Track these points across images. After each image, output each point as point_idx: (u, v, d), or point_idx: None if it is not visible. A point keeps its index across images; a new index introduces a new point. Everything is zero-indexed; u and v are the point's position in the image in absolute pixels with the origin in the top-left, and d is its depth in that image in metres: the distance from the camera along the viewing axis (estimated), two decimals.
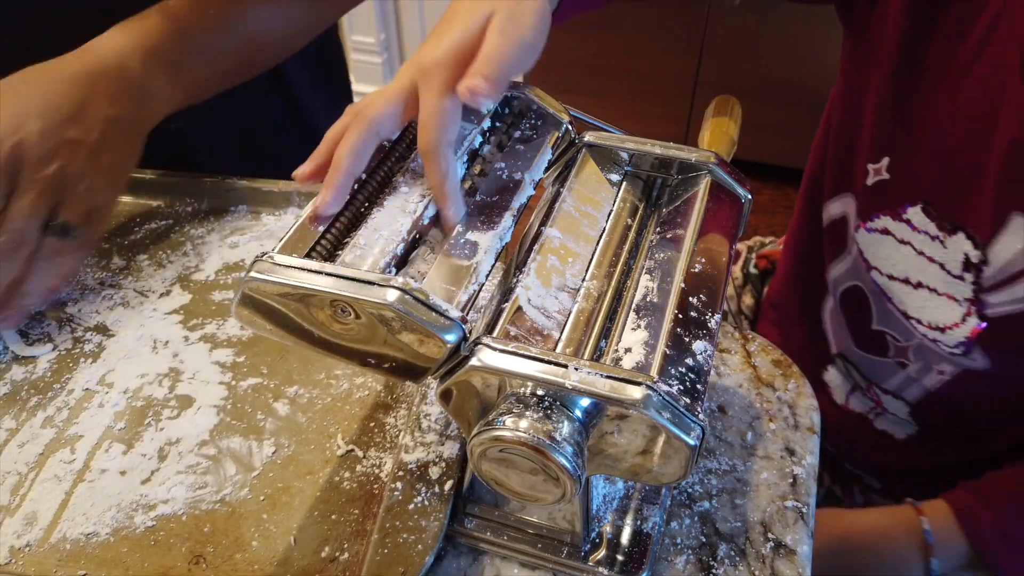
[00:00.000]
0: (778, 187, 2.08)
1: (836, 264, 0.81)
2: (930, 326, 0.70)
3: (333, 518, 0.52)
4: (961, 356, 0.70)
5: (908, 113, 0.66)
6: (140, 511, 0.53)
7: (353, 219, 0.46)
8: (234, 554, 0.50)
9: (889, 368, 0.79)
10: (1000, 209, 0.62)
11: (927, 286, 0.69)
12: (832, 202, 0.78)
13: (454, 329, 0.39)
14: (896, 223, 0.69)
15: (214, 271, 0.70)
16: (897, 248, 0.70)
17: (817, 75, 1.90)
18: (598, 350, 0.43)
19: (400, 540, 0.48)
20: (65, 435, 0.57)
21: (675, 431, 0.38)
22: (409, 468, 0.52)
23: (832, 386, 0.88)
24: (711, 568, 0.51)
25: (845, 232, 0.77)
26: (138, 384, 0.61)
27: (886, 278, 0.72)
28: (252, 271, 0.41)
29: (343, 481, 0.54)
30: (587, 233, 0.49)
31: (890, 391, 0.81)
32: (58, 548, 0.51)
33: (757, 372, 0.63)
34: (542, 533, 0.51)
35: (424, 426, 0.54)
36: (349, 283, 0.39)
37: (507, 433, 0.38)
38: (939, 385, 0.75)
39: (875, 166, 0.69)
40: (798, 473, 0.56)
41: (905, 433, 0.84)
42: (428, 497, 0.51)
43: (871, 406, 0.85)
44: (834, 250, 0.80)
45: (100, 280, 0.69)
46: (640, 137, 0.53)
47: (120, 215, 0.76)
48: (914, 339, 0.73)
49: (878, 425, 0.86)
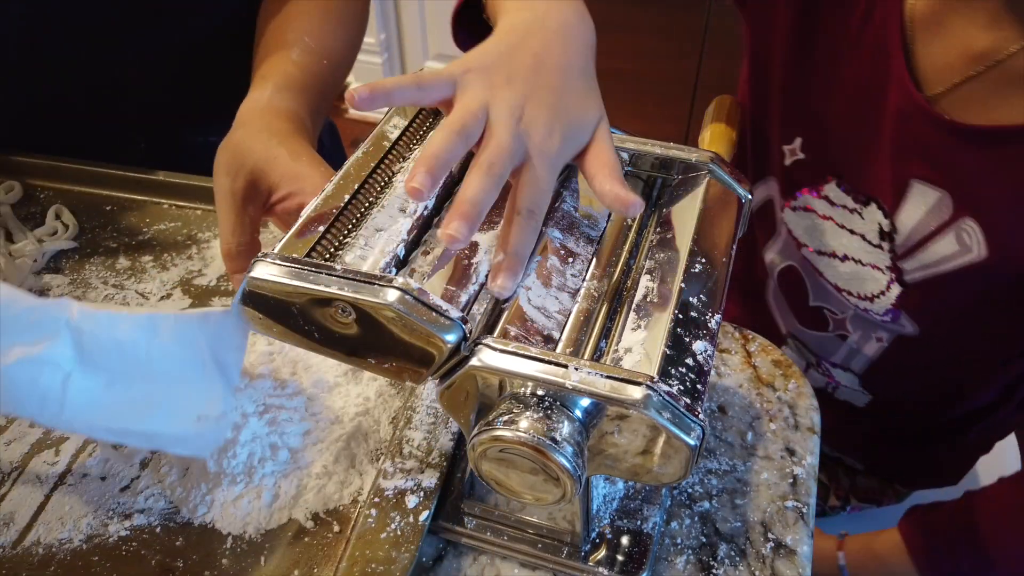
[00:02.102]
0: None
1: (770, 247, 0.83)
2: (860, 296, 0.73)
3: (306, 540, 0.51)
4: (891, 323, 0.72)
5: (810, 91, 0.68)
6: (115, 519, 0.52)
7: (353, 219, 0.46)
8: (203, 571, 0.50)
9: (832, 342, 0.82)
10: (898, 177, 0.64)
11: (852, 258, 0.71)
12: (757, 186, 0.80)
13: (454, 329, 0.39)
14: (816, 199, 0.71)
15: (216, 276, 0.70)
16: (820, 224, 0.72)
17: None
18: (598, 350, 0.43)
19: (368, 570, 0.47)
20: (52, 436, 0.57)
21: (675, 431, 0.38)
22: (386, 495, 0.51)
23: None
24: (711, 568, 0.51)
25: (773, 215, 0.79)
26: None
27: (815, 254, 0.74)
28: (253, 270, 0.41)
29: (320, 500, 0.53)
30: (587, 233, 0.49)
31: (838, 364, 0.84)
32: (31, 552, 0.51)
33: (757, 372, 0.63)
34: (542, 533, 0.51)
35: (405, 451, 0.53)
36: (349, 283, 0.39)
37: (507, 433, 0.38)
38: (879, 352, 0.78)
39: (790, 147, 0.71)
40: (798, 473, 0.56)
41: (863, 402, 0.87)
42: (402, 527, 0.49)
43: (826, 381, 0.88)
44: (766, 234, 0.83)
45: (103, 280, 0.69)
46: (640, 137, 0.53)
47: (130, 215, 0.76)
48: (848, 310, 0.76)
49: (839, 396, 0.88)
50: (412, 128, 0.51)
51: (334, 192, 0.46)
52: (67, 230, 0.73)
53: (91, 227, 0.74)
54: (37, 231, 0.72)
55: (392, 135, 0.50)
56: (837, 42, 0.64)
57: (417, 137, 0.51)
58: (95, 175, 0.78)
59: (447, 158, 0.43)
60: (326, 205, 0.45)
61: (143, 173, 0.77)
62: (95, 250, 0.72)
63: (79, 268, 0.70)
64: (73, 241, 0.72)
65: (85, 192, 0.78)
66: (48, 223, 0.73)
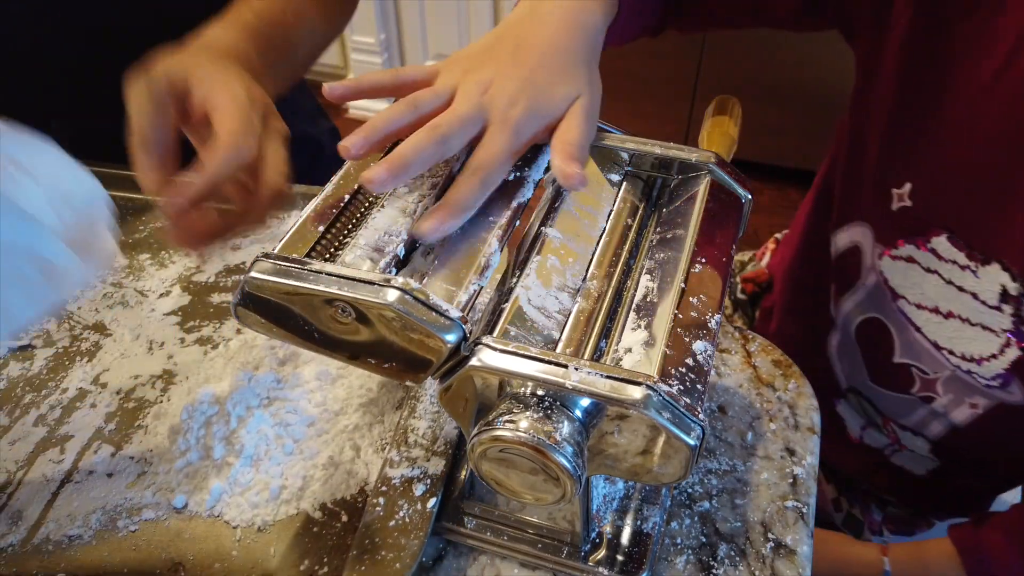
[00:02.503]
0: (778, 187, 2.08)
1: (848, 297, 0.76)
2: (964, 357, 0.66)
3: (314, 531, 0.51)
4: (998, 389, 0.66)
5: (925, 136, 0.62)
6: (124, 515, 0.53)
7: (353, 219, 0.46)
8: (214, 563, 0.50)
9: (911, 403, 0.75)
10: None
11: (959, 316, 0.65)
12: (841, 232, 0.74)
13: (454, 329, 0.39)
14: (921, 251, 0.65)
15: (215, 273, 0.70)
16: (924, 277, 0.66)
17: (817, 76, 1.90)
18: (598, 350, 0.43)
19: (378, 557, 0.48)
20: (56, 434, 0.57)
21: (675, 431, 0.38)
22: (393, 483, 0.51)
23: (846, 420, 0.84)
24: (711, 568, 0.51)
25: (858, 263, 0.73)
26: (131, 385, 0.61)
27: (914, 307, 0.68)
28: (252, 271, 0.41)
29: (327, 491, 0.53)
30: (587, 233, 0.49)
31: (909, 427, 0.77)
32: (40, 549, 0.51)
33: (757, 372, 0.63)
34: (542, 533, 0.51)
35: (411, 440, 0.53)
36: (349, 283, 0.39)
37: (507, 433, 0.38)
38: (969, 420, 0.71)
39: (898, 191, 0.65)
40: (798, 473, 0.56)
41: (925, 469, 0.81)
42: (410, 514, 0.49)
43: (887, 442, 0.82)
44: (845, 282, 0.76)
45: (101, 278, 0.69)
46: (640, 137, 0.53)
47: (127, 213, 0.76)
48: (945, 370, 0.69)
49: (895, 461, 0.83)
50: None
51: (334, 192, 0.46)
52: None
53: None
54: None
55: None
56: (966, 88, 0.58)
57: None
58: (93, 175, 0.77)
59: (384, 126, 0.45)
60: (326, 205, 0.45)
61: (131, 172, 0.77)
62: None
63: None
64: None
65: None
66: None
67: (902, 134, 0.63)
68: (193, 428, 0.56)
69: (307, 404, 0.57)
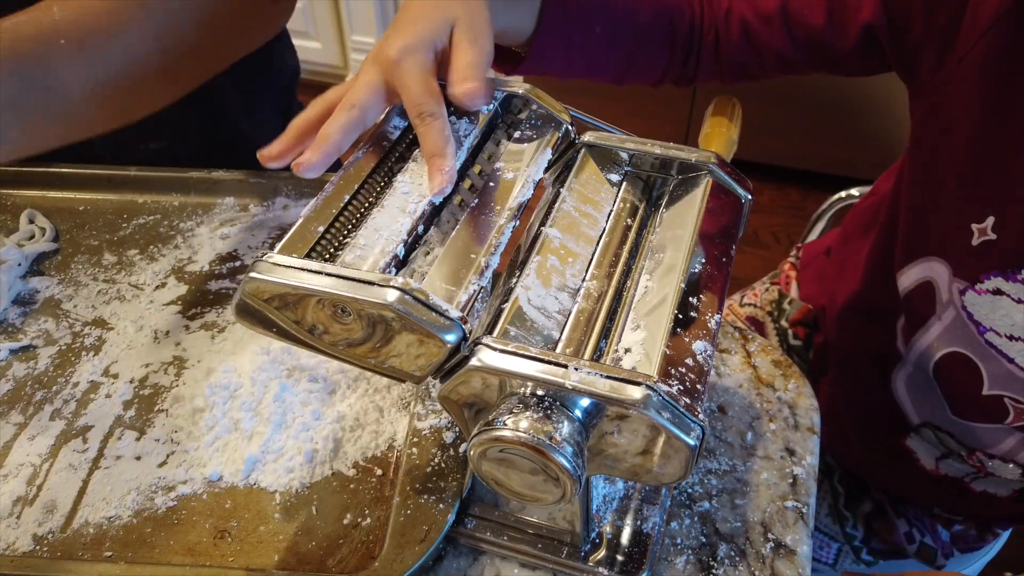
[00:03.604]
0: (778, 187, 2.08)
1: (921, 333, 0.74)
2: None
3: (352, 487, 0.54)
4: None
5: (1009, 170, 0.61)
6: (160, 493, 0.54)
7: (353, 219, 0.46)
8: (258, 527, 0.52)
9: (1003, 433, 0.73)
10: None
11: None
12: (910, 268, 0.72)
13: (454, 329, 0.39)
14: (1011, 283, 0.64)
15: (208, 262, 0.70)
16: (1015, 307, 0.65)
17: (817, 75, 1.90)
18: (598, 350, 0.43)
19: (422, 501, 0.50)
20: (75, 426, 0.58)
21: (675, 431, 0.38)
22: (423, 434, 0.54)
23: (918, 452, 0.83)
24: (711, 568, 0.51)
25: (931, 299, 0.71)
26: (143, 373, 0.61)
27: (1005, 339, 0.67)
28: (252, 272, 0.41)
29: (358, 450, 0.55)
30: (587, 233, 0.49)
31: (997, 456, 0.76)
32: (81, 533, 0.52)
33: (757, 372, 0.63)
34: (542, 533, 0.51)
35: (434, 395, 0.55)
36: (349, 283, 0.39)
37: (507, 433, 0.38)
38: None
39: (980, 226, 0.64)
40: (798, 473, 0.56)
41: (1011, 490, 0.80)
42: (444, 459, 0.52)
43: (971, 471, 0.80)
44: (917, 319, 0.74)
45: (93, 276, 0.70)
46: (640, 137, 0.53)
47: (106, 213, 0.76)
48: None
49: (976, 487, 0.81)
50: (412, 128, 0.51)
51: (334, 192, 0.46)
52: (44, 233, 0.73)
53: (68, 228, 0.74)
54: (13, 237, 0.72)
55: (392, 135, 0.50)
56: None
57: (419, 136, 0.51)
58: (63, 177, 0.77)
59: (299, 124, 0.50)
60: (326, 205, 0.45)
61: (113, 170, 0.77)
62: (77, 250, 0.72)
63: (65, 268, 0.70)
64: (53, 243, 0.72)
65: (55, 196, 0.77)
66: (23, 228, 0.73)
67: (984, 168, 0.62)
68: (218, 404, 0.58)
69: (326, 371, 0.59)
